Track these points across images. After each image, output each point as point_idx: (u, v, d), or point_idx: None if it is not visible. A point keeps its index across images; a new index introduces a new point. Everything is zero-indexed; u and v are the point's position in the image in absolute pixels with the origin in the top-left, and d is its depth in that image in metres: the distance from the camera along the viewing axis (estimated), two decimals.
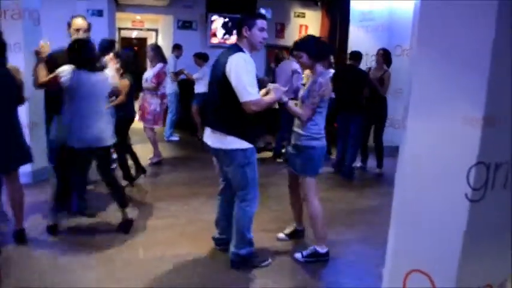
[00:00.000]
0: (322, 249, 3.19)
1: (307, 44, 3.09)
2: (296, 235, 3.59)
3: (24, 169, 4.51)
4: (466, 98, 1.70)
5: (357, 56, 5.73)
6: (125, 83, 4.29)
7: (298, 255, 3.21)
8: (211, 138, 2.93)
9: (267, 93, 2.99)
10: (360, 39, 7.10)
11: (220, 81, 2.76)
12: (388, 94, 5.81)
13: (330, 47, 3.12)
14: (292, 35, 9.86)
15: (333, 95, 4.35)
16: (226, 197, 3.15)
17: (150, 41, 10.95)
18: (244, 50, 2.81)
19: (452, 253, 1.77)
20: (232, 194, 3.03)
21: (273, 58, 7.33)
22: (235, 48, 2.83)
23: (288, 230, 3.61)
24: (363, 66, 6.09)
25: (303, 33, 9.09)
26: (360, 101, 5.58)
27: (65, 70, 3.23)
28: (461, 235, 1.74)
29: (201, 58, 7.31)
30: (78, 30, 3.68)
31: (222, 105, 2.82)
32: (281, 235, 3.59)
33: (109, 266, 3.02)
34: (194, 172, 5.57)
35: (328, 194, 4.74)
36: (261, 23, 2.82)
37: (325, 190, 4.74)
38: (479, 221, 1.76)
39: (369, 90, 5.67)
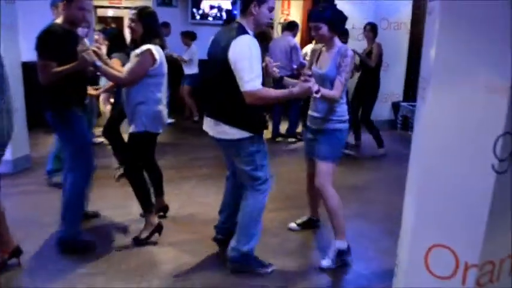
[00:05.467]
0: (343, 245, 2.88)
1: (328, 14, 2.76)
2: (309, 225, 3.39)
3: (4, 158, 4.33)
4: (492, 66, 1.61)
5: (343, 33, 5.38)
6: (117, 62, 3.75)
7: (327, 263, 2.86)
8: (211, 128, 2.65)
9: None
10: (346, 12, 6.89)
11: (221, 68, 2.48)
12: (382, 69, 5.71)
13: (345, 17, 2.91)
14: (275, 10, 9.61)
15: None
16: (234, 183, 2.92)
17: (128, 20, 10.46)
18: (248, 30, 2.53)
19: (477, 226, 1.72)
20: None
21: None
22: (238, 28, 2.51)
23: (300, 220, 3.40)
24: (350, 40, 5.94)
25: (286, 8, 8.85)
26: None
27: (152, 47, 2.86)
28: (487, 207, 1.69)
29: (188, 37, 7.05)
30: None
31: (223, 94, 2.56)
32: (293, 225, 3.38)
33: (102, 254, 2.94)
34: (184, 155, 5.43)
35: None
36: (272, 2, 2.58)
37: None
38: (505, 192, 1.71)
39: (360, 66, 5.55)
